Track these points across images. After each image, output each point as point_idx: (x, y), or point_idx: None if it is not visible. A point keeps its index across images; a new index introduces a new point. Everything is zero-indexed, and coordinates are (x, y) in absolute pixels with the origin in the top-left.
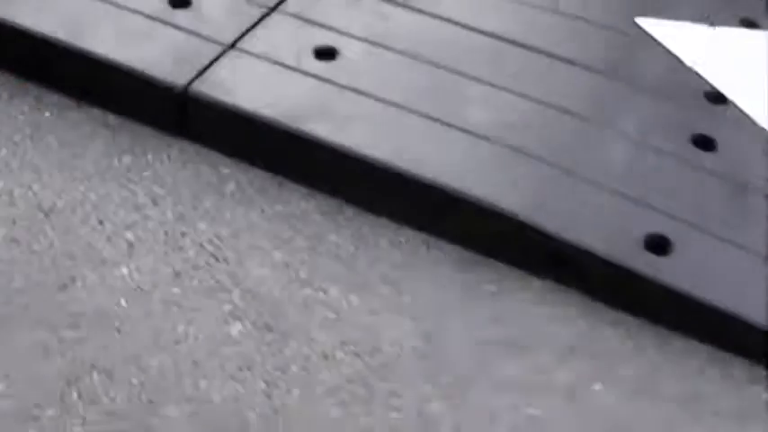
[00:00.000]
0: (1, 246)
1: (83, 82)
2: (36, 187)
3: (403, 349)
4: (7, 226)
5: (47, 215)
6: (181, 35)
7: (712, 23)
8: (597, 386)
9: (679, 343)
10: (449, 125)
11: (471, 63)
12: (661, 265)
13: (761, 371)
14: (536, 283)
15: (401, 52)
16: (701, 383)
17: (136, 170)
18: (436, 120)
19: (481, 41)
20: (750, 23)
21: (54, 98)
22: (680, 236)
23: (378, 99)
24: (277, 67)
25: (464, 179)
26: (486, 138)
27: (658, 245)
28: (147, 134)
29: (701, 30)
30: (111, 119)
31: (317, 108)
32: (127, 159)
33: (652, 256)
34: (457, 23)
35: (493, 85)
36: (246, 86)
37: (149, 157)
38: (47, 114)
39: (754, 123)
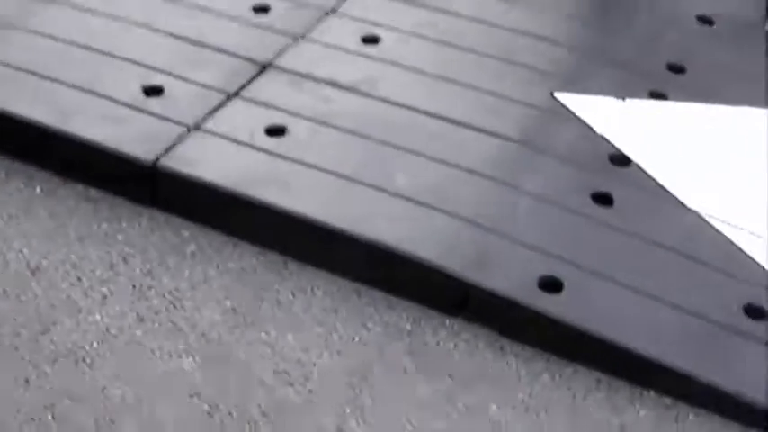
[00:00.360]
0: None
1: (69, 161)
2: (26, 251)
3: (328, 377)
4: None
5: (33, 273)
6: (153, 119)
7: (623, 98)
8: (494, 406)
9: (569, 369)
10: (379, 189)
11: (403, 137)
12: (552, 301)
13: (640, 392)
14: (448, 320)
15: (342, 129)
16: (587, 404)
17: (111, 235)
18: (368, 185)
19: (413, 118)
20: (659, 95)
21: (44, 176)
22: (570, 277)
23: (319, 169)
24: (233, 144)
25: (387, 235)
26: (409, 199)
27: (551, 284)
28: (122, 205)
29: (613, 102)
30: (93, 193)
31: (267, 178)
32: (104, 226)
33: (545, 295)
34: (392, 103)
35: (419, 155)
36: (207, 161)
37: (124, 224)
38: (38, 190)
39: (656, 184)
